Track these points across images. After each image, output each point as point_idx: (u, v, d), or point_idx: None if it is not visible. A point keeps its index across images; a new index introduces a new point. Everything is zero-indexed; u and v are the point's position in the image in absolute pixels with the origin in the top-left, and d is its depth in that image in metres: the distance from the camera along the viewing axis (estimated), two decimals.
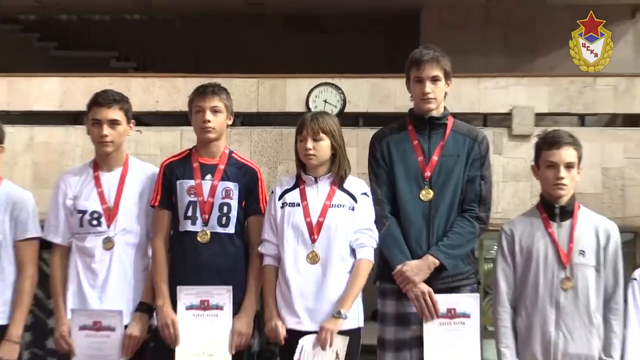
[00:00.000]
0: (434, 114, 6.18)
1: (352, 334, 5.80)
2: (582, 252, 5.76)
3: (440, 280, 5.84)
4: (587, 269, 5.74)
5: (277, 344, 6.04)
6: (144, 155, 20.46)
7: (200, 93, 6.37)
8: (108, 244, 5.89)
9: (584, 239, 5.79)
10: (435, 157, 5.97)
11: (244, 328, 5.89)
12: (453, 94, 23.97)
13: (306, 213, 5.90)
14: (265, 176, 22.53)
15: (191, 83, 21.11)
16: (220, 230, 5.99)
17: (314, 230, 5.86)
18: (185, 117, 6.74)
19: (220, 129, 6.27)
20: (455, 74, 20.92)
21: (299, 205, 6.04)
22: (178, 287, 5.95)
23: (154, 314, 6.02)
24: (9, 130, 21.50)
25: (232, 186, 6.13)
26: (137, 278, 6.03)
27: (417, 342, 5.86)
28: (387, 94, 20.17)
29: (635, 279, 6.05)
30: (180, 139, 20.66)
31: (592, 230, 5.82)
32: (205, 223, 6.02)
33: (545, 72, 22.07)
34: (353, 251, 5.87)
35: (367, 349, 6.32)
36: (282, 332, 5.84)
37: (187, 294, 5.89)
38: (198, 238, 5.99)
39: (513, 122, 20.37)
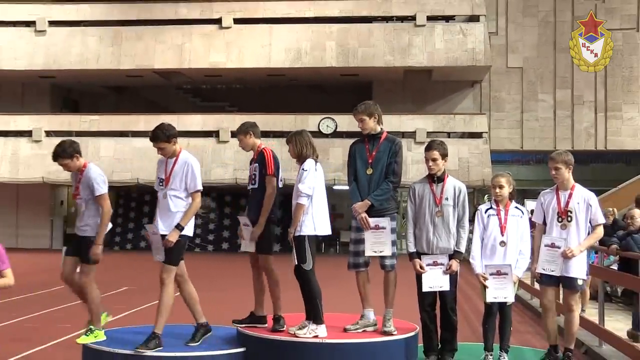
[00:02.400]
0: (373, 132, 5.74)
1: (300, 238, 5.32)
2: (447, 199, 5.50)
3: (374, 212, 5.56)
4: (449, 206, 5.48)
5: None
6: (242, 152, 20.60)
7: (236, 132, 5.88)
8: (165, 195, 5.26)
9: (448, 192, 5.51)
10: (374, 153, 5.67)
11: (256, 230, 5.50)
12: (388, 123, 24.01)
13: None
14: None
15: (265, 117, 21.32)
16: (252, 186, 5.66)
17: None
18: (260, 133, 6.04)
19: (246, 146, 5.72)
20: (391, 113, 20.81)
21: None
22: (239, 215, 5.82)
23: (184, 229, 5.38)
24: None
25: (257, 164, 5.60)
26: (177, 212, 5.34)
27: (363, 240, 5.56)
28: (356, 123, 20.21)
29: (478, 209, 5.74)
30: None
31: (452, 187, 5.55)
32: (250, 183, 5.66)
33: (431, 112, 21.99)
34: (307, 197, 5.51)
35: (345, 243, 6.07)
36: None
37: (242, 218, 5.68)
38: (250, 190, 5.69)
39: (416, 136, 20.39)
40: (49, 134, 21.80)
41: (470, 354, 5.68)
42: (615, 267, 9.70)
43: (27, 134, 21.82)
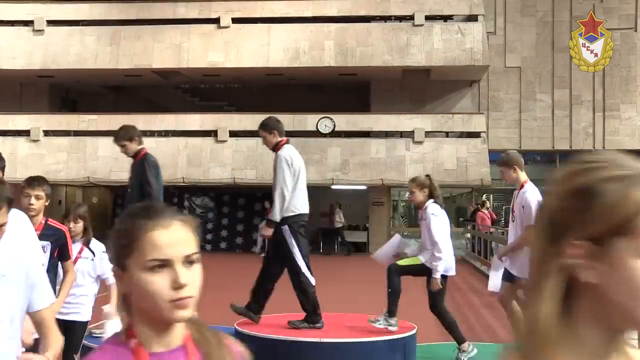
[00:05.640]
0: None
1: None
2: None
3: None
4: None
5: None
6: (240, 151, 20.62)
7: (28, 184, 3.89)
8: None
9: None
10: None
11: None
12: (386, 122, 23.79)
13: None
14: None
15: (263, 117, 21.25)
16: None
17: None
18: (258, 132, 5.59)
19: (40, 208, 3.86)
20: (389, 112, 20.71)
21: None
22: None
23: None
24: (175, 139, 21.47)
25: (45, 244, 3.83)
26: None
27: None
28: (354, 121, 20.24)
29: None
30: (257, 143, 20.65)
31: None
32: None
33: (430, 111, 21.96)
34: None
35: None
36: None
37: None
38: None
39: (414, 135, 20.37)
40: (47, 133, 21.77)
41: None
42: None
43: (25, 133, 21.79)
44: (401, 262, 5.54)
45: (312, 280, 5.24)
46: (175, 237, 1.19)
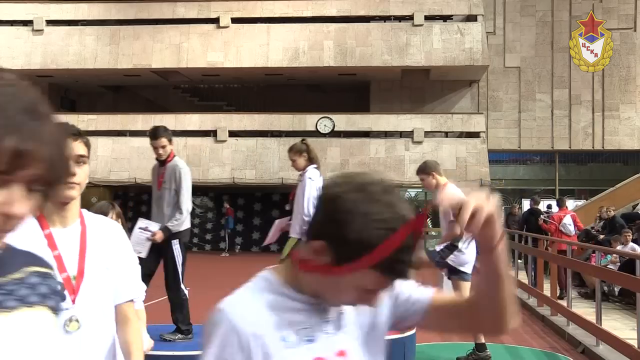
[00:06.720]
0: None
1: None
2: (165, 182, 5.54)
3: None
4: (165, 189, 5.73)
5: None
6: (240, 151, 20.60)
7: None
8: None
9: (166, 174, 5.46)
10: None
11: None
12: (386, 122, 23.73)
13: None
14: None
15: (262, 117, 21.25)
16: None
17: None
18: (258, 132, 5.56)
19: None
20: (388, 112, 20.80)
21: None
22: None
23: None
24: (174, 139, 21.48)
25: None
26: None
27: None
28: (354, 122, 20.20)
29: None
30: (256, 143, 20.62)
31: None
32: None
33: (429, 111, 21.95)
34: None
35: None
36: None
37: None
38: None
39: (414, 135, 20.33)
40: None
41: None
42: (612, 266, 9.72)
43: None
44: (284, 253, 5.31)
45: (186, 293, 5.36)
46: None
